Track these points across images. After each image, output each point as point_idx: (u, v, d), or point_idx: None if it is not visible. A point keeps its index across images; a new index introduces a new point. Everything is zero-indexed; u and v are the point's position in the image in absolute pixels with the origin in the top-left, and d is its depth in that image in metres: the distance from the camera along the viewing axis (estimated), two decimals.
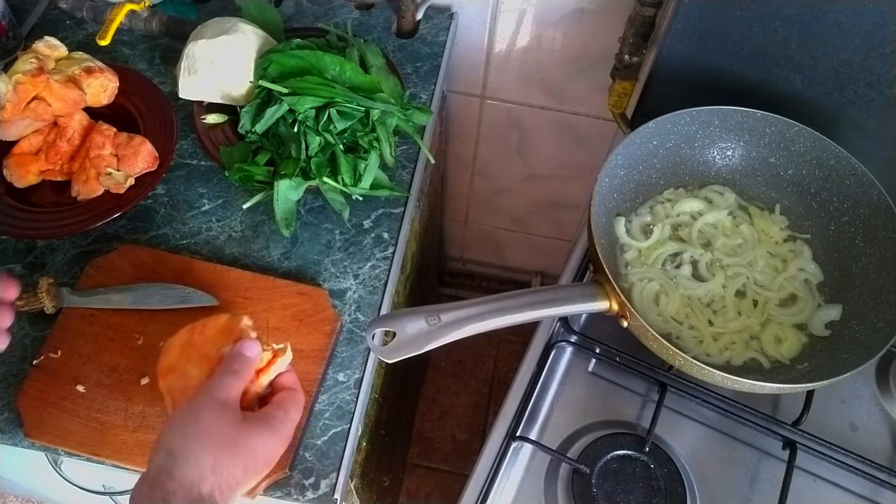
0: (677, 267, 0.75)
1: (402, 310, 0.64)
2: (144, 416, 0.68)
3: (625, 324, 0.65)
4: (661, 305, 0.73)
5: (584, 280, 0.81)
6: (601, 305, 0.65)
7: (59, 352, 0.70)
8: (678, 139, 0.77)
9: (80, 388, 0.68)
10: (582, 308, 0.65)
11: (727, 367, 0.70)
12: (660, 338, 0.62)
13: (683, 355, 0.62)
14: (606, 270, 0.64)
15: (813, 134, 0.74)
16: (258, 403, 0.61)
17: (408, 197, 0.83)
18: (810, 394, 0.72)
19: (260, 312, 0.73)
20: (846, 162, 0.72)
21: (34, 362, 0.69)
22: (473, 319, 0.62)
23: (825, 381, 0.62)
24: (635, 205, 0.79)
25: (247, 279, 0.75)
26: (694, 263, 0.75)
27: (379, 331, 0.63)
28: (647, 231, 0.77)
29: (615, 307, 0.65)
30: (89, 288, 0.73)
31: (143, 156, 0.78)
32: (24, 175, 0.78)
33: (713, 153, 0.79)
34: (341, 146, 0.79)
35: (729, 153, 0.79)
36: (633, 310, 0.63)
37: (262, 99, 0.79)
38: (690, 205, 0.79)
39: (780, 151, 0.77)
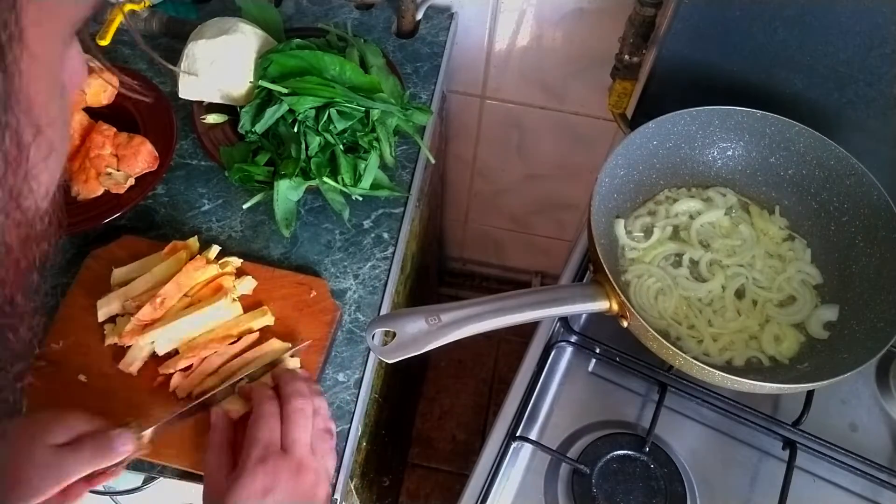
0: (677, 267, 0.75)
1: (402, 310, 0.64)
2: (147, 406, 0.68)
3: (625, 324, 0.65)
4: (660, 305, 0.73)
5: (584, 280, 0.81)
6: (601, 305, 0.65)
7: (61, 342, 0.70)
8: (678, 139, 0.77)
9: (82, 377, 0.69)
10: (582, 308, 0.65)
11: (727, 368, 0.70)
12: (660, 338, 0.62)
13: (683, 355, 0.62)
14: (606, 270, 0.64)
15: (813, 134, 0.74)
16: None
17: (408, 197, 0.83)
18: (810, 394, 0.72)
19: (260, 302, 0.73)
20: (846, 162, 0.72)
21: (35, 353, 0.69)
22: (473, 319, 0.62)
23: (825, 382, 0.62)
24: (635, 205, 0.79)
25: (247, 269, 0.75)
26: (694, 264, 0.75)
27: (379, 331, 0.63)
28: (647, 231, 0.77)
29: (615, 307, 0.65)
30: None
31: (143, 156, 0.78)
32: None
33: (713, 153, 0.79)
34: (341, 146, 0.79)
35: (729, 153, 0.79)
36: (633, 310, 0.63)
37: (262, 99, 0.79)
38: (689, 205, 0.79)
39: (780, 151, 0.77)
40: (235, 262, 0.74)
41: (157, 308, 0.69)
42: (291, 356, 0.70)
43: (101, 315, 0.71)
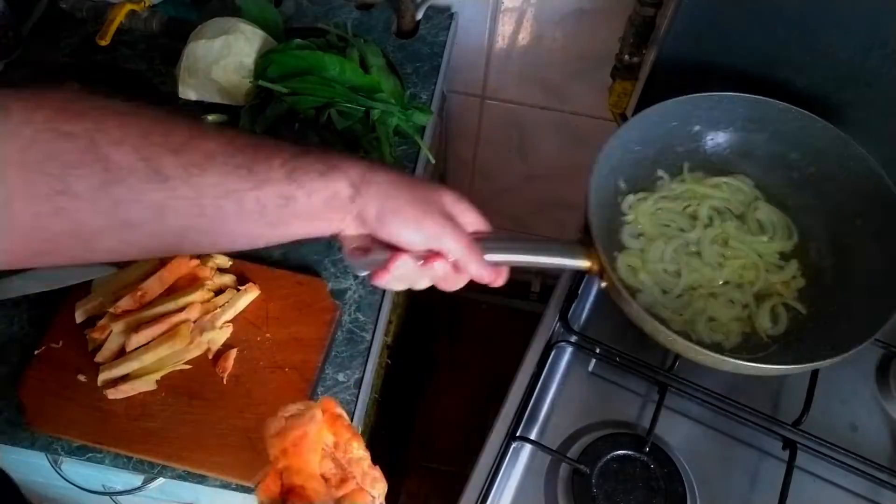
0: (675, 248, 0.74)
1: None
2: (145, 405, 0.68)
3: (603, 285, 0.63)
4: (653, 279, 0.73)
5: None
6: (581, 263, 0.61)
7: (61, 342, 0.70)
8: (699, 122, 0.76)
9: (82, 377, 0.69)
10: (561, 262, 0.61)
11: (716, 347, 0.69)
12: (642, 311, 0.61)
13: (667, 331, 0.61)
14: (594, 233, 0.62)
15: (836, 132, 0.72)
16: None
17: None
18: (810, 394, 0.72)
19: (259, 302, 0.74)
20: (865, 164, 0.72)
21: (35, 352, 0.70)
22: None
23: (799, 367, 0.62)
24: (649, 181, 0.78)
25: (246, 269, 0.76)
26: (693, 244, 0.75)
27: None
28: (652, 208, 0.76)
29: (595, 267, 0.61)
30: None
31: None
32: None
33: (733, 141, 0.78)
34: (341, 146, 0.79)
35: (750, 143, 0.78)
36: (612, 274, 0.61)
37: (262, 99, 0.79)
38: (702, 189, 0.78)
39: (801, 147, 0.75)
40: (223, 260, 0.74)
41: (137, 300, 0.70)
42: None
43: (79, 315, 0.71)
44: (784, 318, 0.72)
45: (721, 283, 0.73)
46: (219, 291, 0.73)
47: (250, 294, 0.73)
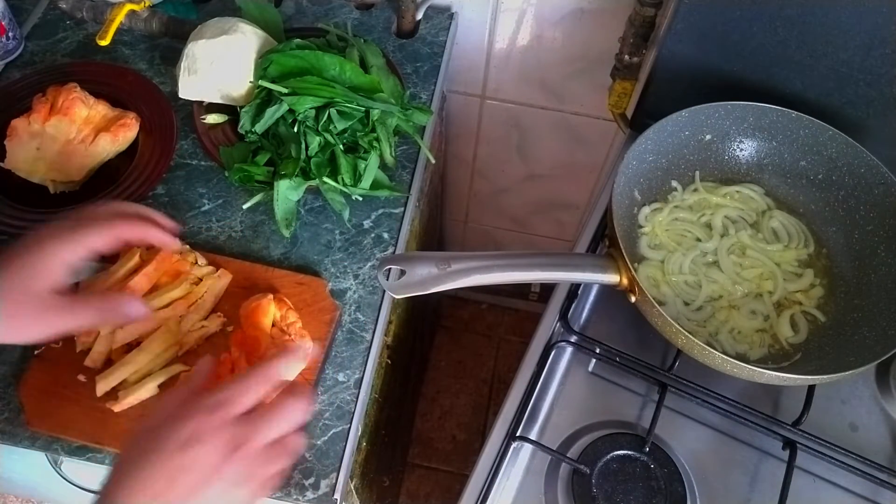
0: (693, 259, 0.76)
1: (415, 252, 0.65)
2: (145, 406, 0.68)
3: (633, 299, 0.66)
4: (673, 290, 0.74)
5: (598, 251, 0.81)
6: (611, 278, 0.66)
7: (60, 342, 0.70)
8: (711, 131, 0.78)
9: (82, 377, 0.69)
10: (591, 278, 0.67)
11: (739, 358, 0.70)
12: (665, 314, 0.63)
13: (687, 334, 0.63)
14: (622, 246, 0.65)
15: (846, 140, 0.74)
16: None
17: (408, 197, 0.83)
18: (810, 394, 0.72)
19: None
20: (877, 171, 0.73)
21: (35, 352, 0.70)
22: (481, 270, 0.64)
23: (826, 377, 0.63)
24: (662, 192, 0.79)
25: (246, 269, 0.75)
26: (710, 254, 0.76)
27: (389, 269, 0.65)
28: (668, 219, 0.78)
29: (625, 282, 0.66)
30: None
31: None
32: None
33: (744, 149, 0.80)
34: (341, 146, 0.79)
35: (761, 152, 0.79)
36: (641, 286, 0.64)
37: (262, 99, 0.79)
38: (714, 199, 0.79)
39: (812, 155, 0.77)
40: (199, 259, 0.75)
41: None
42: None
43: None
44: (804, 326, 0.73)
45: (741, 294, 0.74)
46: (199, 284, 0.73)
47: (225, 278, 0.73)
